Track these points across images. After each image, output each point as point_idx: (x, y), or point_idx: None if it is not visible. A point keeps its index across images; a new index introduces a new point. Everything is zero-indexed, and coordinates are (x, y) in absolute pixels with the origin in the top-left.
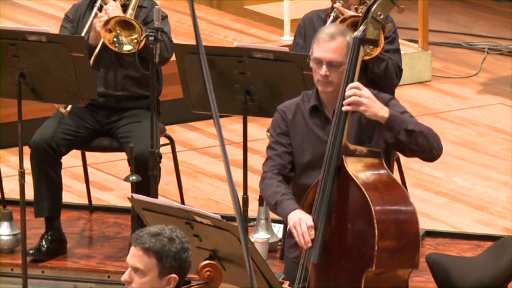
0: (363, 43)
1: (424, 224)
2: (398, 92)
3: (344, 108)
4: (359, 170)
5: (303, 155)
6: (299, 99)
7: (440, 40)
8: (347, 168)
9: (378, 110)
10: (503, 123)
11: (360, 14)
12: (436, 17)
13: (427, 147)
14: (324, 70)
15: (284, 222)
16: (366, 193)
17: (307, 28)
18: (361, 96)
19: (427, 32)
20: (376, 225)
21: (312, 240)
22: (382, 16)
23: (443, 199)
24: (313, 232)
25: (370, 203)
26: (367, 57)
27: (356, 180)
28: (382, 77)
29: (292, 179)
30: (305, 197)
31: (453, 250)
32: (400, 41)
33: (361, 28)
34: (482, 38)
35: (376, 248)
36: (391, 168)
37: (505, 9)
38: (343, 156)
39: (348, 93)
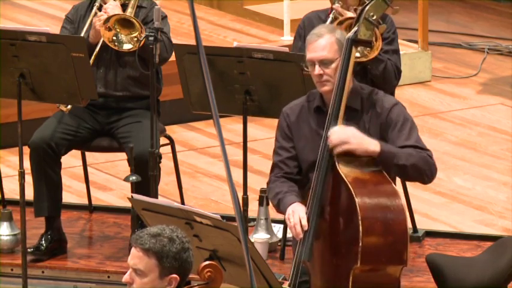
0: (355, 44)
1: (424, 224)
2: (398, 92)
3: (336, 151)
4: (350, 168)
5: (308, 155)
6: (304, 100)
7: (440, 40)
8: (338, 167)
9: (368, 145)
10: (503, 124)
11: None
12: (436, 17)
13: (418, 178)
14: (317, 70)
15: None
16: (352, 190)
17: (307, 29)
18: (346, 137)
19: (427, 32)
20: (360, 222)
21: (305, 232)
22: (375, 17)
23: (443, 199)
24: (305, 222)
25: (355, 199)
26: (363, 59)
27: (345, 178)
28: (381, 78)
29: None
30: (309, 194)
31: (453, 250)
32: (400, 41)
33: (354, 29)
34: (482, 38)
35: (360, 244)
36: None
37: (505, 9)
38: (335, 155)
39: (331, 134)
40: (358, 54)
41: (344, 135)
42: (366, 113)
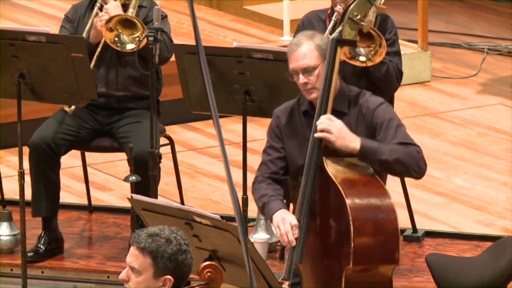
0: (340, 44)
1: (424, 224)
2: (398, 92)
3: (316, 134)
4: (339, 169)
5: (297, 158)
6: (295, 102)
7: (439, 40)
8: (326, 169)
9: (349, 141)
10: (503, 124)
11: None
12: (436, 17)
13: (404, 172)
14: (301, 79)
15: (271, 222)
16: (342, 191)
17: (307, 29)
18: (330, 126)
19: (426, 32)
20: (351, 222)
21: (296, 239)
22: (358, 16)
23: (443, 199)
24: (297, 231)
25: (346, 200)
26: (369, 64)
27: (334, 179)
28: (383, 81)
29: (288, 179)
30: (299, 196)
31: (453, 250)
32: (399, 41)
33: (338, 29)
34: (481, 38)
35: (352, 244)
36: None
37: (505, 9)
38: (323, 157)
39: (318, 123)
40: (363, 59)
41: (327, 125)
42: (352, 115)
